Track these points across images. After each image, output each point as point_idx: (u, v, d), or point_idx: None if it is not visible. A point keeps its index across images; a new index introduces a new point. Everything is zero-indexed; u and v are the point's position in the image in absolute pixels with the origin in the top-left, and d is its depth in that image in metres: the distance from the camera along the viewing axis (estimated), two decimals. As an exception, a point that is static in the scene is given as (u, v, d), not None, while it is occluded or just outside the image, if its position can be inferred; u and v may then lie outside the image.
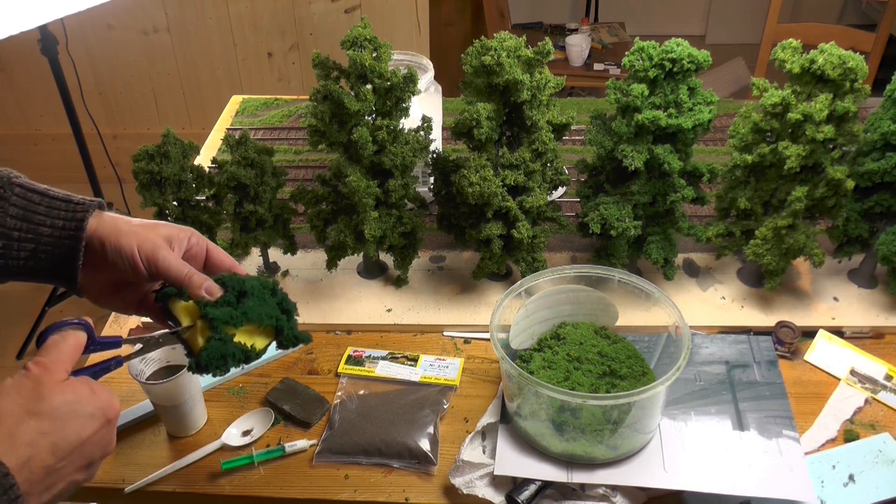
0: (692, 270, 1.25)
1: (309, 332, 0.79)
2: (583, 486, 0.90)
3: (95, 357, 0.68)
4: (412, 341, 1.14)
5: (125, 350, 0.71)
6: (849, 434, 0.97)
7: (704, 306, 1.17)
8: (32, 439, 0.56)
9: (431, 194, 1.20)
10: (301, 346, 0.79)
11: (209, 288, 0.73)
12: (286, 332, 0.76)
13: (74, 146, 2.29)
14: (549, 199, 1.24)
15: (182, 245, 0.76)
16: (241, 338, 0.73)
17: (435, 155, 1.17)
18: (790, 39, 1.07)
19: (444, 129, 1.48)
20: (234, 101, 1.80)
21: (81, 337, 0.65)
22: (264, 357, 1.09)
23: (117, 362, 0.70)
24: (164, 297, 0.74)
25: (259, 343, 0.75)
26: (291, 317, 0.78)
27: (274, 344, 0.77)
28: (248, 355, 0.73)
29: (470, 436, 0.96)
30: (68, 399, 0.59)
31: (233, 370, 0.75)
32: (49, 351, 0.62)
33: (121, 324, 1.17)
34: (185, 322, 0.73)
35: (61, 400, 0.59)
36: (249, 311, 0.73)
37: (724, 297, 1.19)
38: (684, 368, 0.87)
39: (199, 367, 0.71)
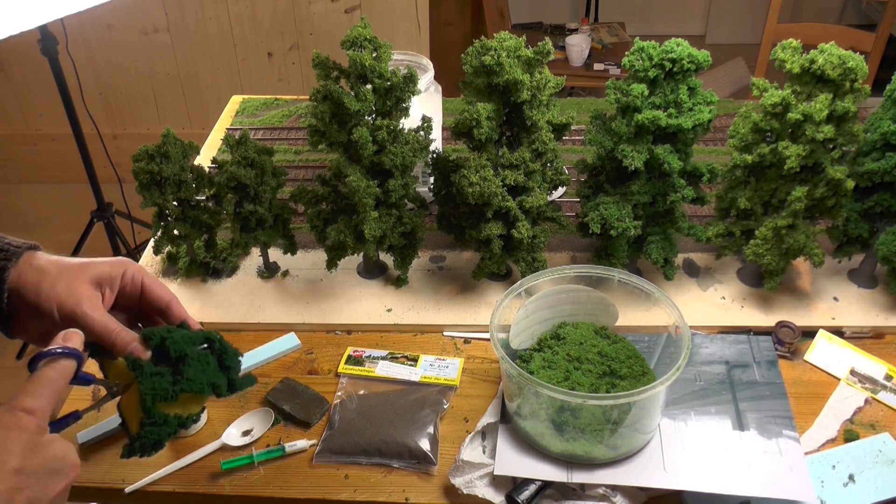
0: (692, 270, 1.25)
1: (252, 374, 0.75)
2: (583, 486, 0.90)
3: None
4: (412, 341, 1.14)
5: (83, 398, 0.68)
6: (849, 434, 0.97)
7: (704, 306, 1.17)
8: (10, 496, 0.55)
9: (431, 194, 1.20)
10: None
11: (135, 350, 0.69)
12: (223, 393, 0.73)
13: (74, 146, 2.28)
14: (549, 199, 1.24)
15: (115, 285, 0.73)
16: (177, 409, 0.69)
17: (435, 155, 1.17)
18: (790, 39, 1.07)
19: (444, 129, 1.48)
20: (234, 101, 1.80)
21: (71, 369, 0.63)
22: (264, 357, 1.09)
23: (75, 416, 0.68)
24: (97, 355, 0.71)
25: (195, 408, 0.71)
26: (232, 370, 0.74)
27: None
28: (185, 424, 0.70)
29: (470, 436, 0.96)
30: (54, 455, 0.59)
31: None
32: (40, 392, 0.60)
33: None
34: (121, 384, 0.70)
35: (49, 455, 0.58)
36: (187, 384, 0.69)
37: (724, 297, 1.19)
38: (684, 368, 0.87)
39: (131, 452, 0.68)
